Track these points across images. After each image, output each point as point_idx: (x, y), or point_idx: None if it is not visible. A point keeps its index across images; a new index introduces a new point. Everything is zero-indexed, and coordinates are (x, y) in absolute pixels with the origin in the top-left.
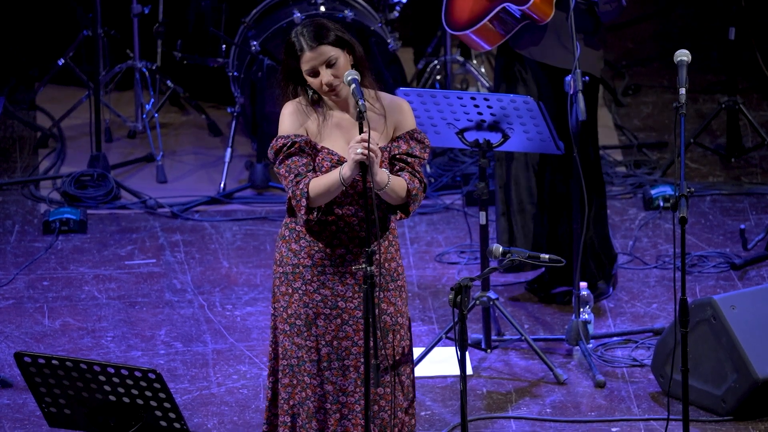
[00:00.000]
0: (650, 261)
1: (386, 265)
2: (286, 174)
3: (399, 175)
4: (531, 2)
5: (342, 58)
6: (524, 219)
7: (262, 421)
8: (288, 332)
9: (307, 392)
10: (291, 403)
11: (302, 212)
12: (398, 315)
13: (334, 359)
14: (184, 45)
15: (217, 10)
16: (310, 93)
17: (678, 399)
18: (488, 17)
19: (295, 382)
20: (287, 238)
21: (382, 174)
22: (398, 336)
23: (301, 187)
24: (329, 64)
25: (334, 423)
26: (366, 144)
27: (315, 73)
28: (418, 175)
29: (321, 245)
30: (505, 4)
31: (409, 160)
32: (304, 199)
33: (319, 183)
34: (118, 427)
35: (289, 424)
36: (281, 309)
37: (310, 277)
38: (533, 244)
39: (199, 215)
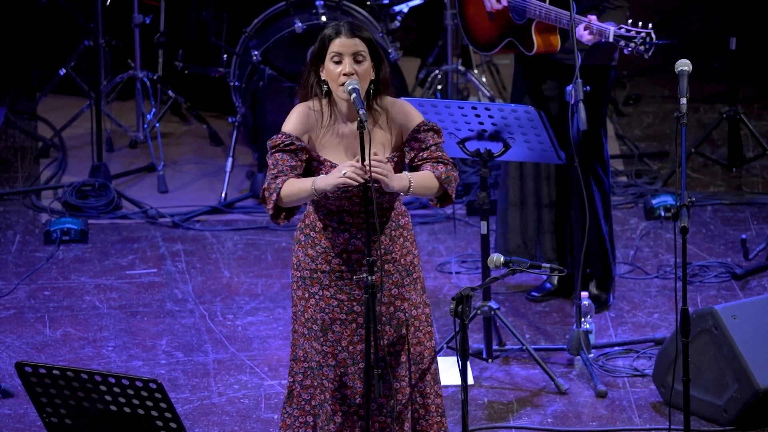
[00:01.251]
0: (651, 271)
1: (402, 261)
2: (272, 167)
3: (420, 170)
4: (534, 50)
5: (368, 62)
6: (535, 211)
7: (262, 430)
8: (307, 336)
9: (326, 395)
10: (312, 404)
11: (270, 206)
12: (413, 308)
13: (350, 364)
14: (186, 55)
15: (219, 19)
16: (325, 88)
17: (679, 409)
18: (498, 48)
19: (315, 383)
20: (303, 243)
21: (399, 181)
22: (412, 328)
23: (277, 182)
24: (356, 58)
25: (351, 425)
26: (356, 169)
27: (339, 60)
28: (442, 159)
29: (337, 251)
30: (509, 39)
31: (425, 155)
32: (275, 194)
33: (293, 185)
34: None
35: (311, 424)
36: (299, 313)
37: (327, 282)
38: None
39: (201, 225)
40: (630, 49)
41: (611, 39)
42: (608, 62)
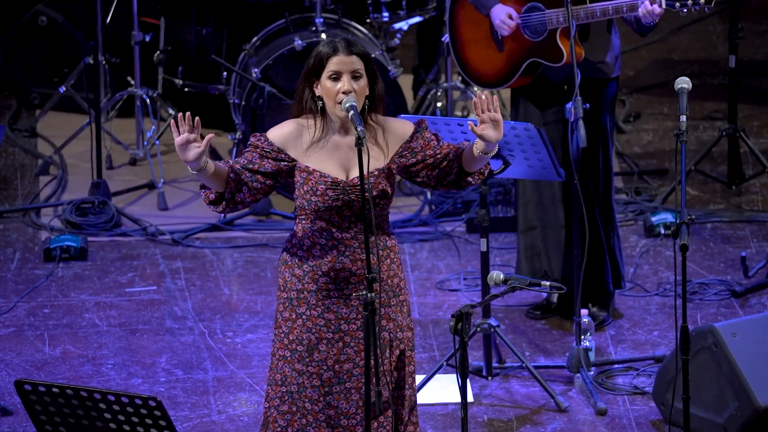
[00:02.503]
0: (651, 288)
1: (389, 281)
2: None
3: (461, 146)
4: (564, 59)
5: (364, 79)
6: (553, 233)
7: None
8: (288, 358)
9: (308, 419)
10: (290, 430)
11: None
12: (398, 330)
13: (336, 383)
14: (185, 72)
15: (218, 37)
16: (320, 104)
17: (679, 427)
18: (517, 76)
19: (294, 408)
20: (290, 263)
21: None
22: (397, 351)
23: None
24: (354, 75)
25: None
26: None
27: (337, 78)
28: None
29: (324, 269)
30: (533, 59)
31: (441, 149)
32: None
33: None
34: None
35: None
36: (282, 335)
37: (314, 302)
38: (564, 258)
39: (200, 242)
40: (687, 7)
41: (664, 5)
42: (610, 74)
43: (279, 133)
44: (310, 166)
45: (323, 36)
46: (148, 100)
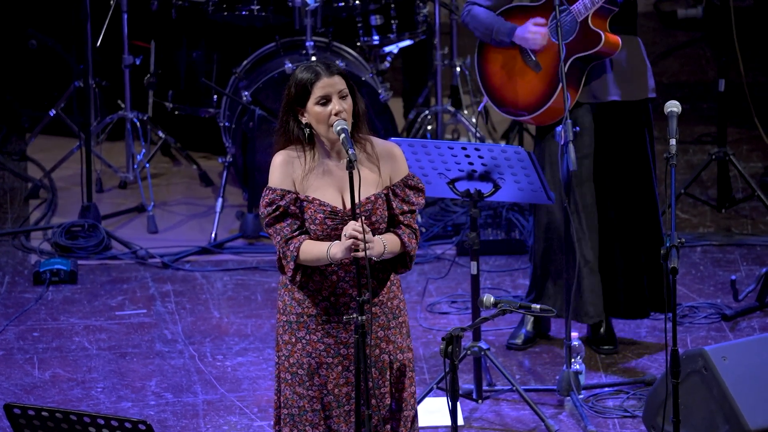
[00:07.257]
0: None
1: (389, 303)
2: (275, 235)
3: (396, 232)
4: (603, 39)
5: (350, 98)
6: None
7: None
8: (289, 381)
9: None
10: None
11: (290, 273)
12: (398, 351)
13: (336, 407)
14: (176, 95)
15: (209, 60)
16: (307, 132)
17: None
18: (562, 83)
19: (296, 431)
20: (289, 286)
21: (377, 247)
22: (397, 372)
23: (291, 249)
24: (341, 95)
25: None
26: (358, 232)
27: (327, 101)
28: (412, 227)
29: (325, 294)
30: (574, 57)
31: (401, 216)
32: (292, 262)
33: (310, 251)
34: None
35: None
36: (283, 358)
37: (314, 327)
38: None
39: (190, 265)
40: None
41: None
42: (645, 95)
43: (277, 175)
44: (309, 195)
45: (314, 59)
46: (138, 124)
